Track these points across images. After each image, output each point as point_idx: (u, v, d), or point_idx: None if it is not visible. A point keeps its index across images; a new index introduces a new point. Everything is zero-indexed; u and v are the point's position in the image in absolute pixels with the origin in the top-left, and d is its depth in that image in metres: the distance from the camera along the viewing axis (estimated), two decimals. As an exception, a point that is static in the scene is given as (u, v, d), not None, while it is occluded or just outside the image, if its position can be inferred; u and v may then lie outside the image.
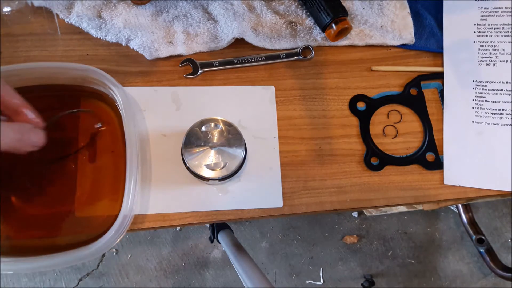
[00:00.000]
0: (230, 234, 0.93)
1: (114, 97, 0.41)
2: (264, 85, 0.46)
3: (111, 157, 0.41)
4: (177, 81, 0.45)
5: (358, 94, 0.47)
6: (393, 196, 0.44)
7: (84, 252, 0.35)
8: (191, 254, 1.21)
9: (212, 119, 0.39)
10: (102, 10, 0.46)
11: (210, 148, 0.38)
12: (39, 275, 1.14)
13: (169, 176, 0.41)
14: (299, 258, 1.24)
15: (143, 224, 0.40)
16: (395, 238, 1.28)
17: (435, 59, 0.50)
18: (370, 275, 1.24)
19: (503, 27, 0.50)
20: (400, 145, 0.46)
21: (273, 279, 1.22)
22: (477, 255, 1.27)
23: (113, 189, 0.39)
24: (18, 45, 0.44)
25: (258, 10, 0.48)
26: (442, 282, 1.26)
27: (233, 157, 0.38)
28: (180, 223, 0.41)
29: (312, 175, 0.44)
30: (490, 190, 0.45)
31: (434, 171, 0.45)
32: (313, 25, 0.49)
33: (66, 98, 0.42)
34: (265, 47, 0.47)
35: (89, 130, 0.41)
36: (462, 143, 0.46)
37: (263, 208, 0.42)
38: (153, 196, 0.41)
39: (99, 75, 0.39)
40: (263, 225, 1.25)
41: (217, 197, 0.41)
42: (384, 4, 0.51)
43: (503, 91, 0.48)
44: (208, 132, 0.38)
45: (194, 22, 0.47)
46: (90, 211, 0.39)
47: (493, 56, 0.49)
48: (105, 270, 1.18)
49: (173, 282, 1.18)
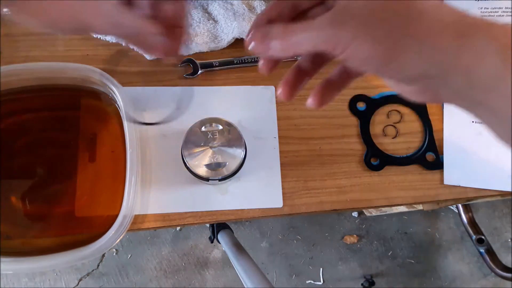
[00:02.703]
0: (230, 234, 0.93)
1: (114, 97, 0.41)
2: (264, 85, 0.46)
3: (111, 157, 0.41)
4: (177, 81, 0.45)
5: (358, 94, 0.47)
6: (393, 196, 0.44)
7: (84, 252, 0.35)
8: (191, 254, 1.21)
9: (212, 119, 0.39)
10: (102, 10, 0.46)
11: (210, 148, 0.38)
12: (39, 275, 1.14)
13: (169, 176, 0.41)
14: (299, 258, 1.24)
15: (143, 224, 0.40)
16: (395, 238, 1.28)
17: (435, 59, 0.50)
18: (370, 275, 1.24)
19: (503, 27, 0.50)
20: (400, 145, 0.46)
21: (273, 279, 1.22)
22: (477, 255, 1.27)
23: (113, 189, 0.39)
24: (18, 45, 0.44)
25: (258, 10, 0.48)
26: (442, 282, 1.26)
27: (233, 157, 0.38)
28: (180, 223, 0.41)
29: (312, 175, 0.44)
30: (490, 190, 0.45)
31: (434, 171, 0.45)
32: (313, 25, 0.48)
33: (66, 98, 0.42)
34: (265, 47, 0.47)
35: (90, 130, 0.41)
36: (462, 143, 0.46)
37: (263, 208, 0.42)
38: (153, 196, 0.41)
39: (99, 75, 0.39)
40: (263, 225, 1.25)
41: (217, 197, 0.41)
42: (384, 4, 0.50)
43: (503, 91, 0.48)
44: (208, 132, 0.38)
45: (194, 22, 0.47)
46: (90, 211, 0.39)
47: (493, 56, 0.49)
48: (105, 270, 1.18)
49: (173, 282, 1.18)
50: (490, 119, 0.20)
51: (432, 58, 0.19)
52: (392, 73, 0.20)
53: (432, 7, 0.19)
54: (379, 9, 0.19)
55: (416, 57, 0.19)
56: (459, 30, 0.19)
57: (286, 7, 0.23)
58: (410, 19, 0.19)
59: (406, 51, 0.19)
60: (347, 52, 0.19)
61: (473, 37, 0.19)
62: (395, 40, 0.19)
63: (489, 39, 0.18)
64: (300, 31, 0.20)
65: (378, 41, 0.19)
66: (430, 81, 0.20)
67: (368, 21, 0.19)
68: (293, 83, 0.25)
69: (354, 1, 0.20)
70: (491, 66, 0.18)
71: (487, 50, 0.18)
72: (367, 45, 0.19)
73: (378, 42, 0.19)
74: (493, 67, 0.18)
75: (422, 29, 0.19)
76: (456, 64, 0.19)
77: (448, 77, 0.19)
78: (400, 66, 0.19)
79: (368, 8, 0.19)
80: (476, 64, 0.18)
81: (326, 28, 0.19)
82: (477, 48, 0.18)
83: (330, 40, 0.19)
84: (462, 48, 0.19)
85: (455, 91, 0.20)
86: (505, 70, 0.18)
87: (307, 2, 0.22)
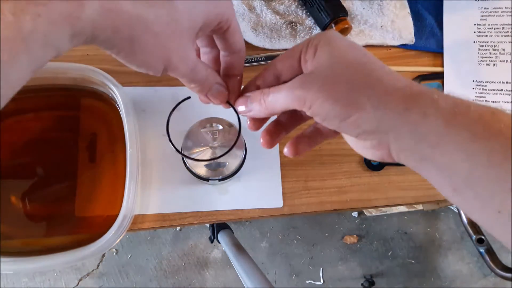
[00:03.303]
0: (230, 234, 0.93)
1: (114, 97, 0.41)
2: (264, 85, 0.46)
3: (111, 157, 0.41)
4: (177, 81, 0.45)
5: (358, 94, 0.47)
6: (393, 196, 0.44)
7: (84, 252, 0.35)
8: (191, 254, 1.21)
9: (213, 119, 0.39)
10: (102, 10, 0.45)
11: (210, 148, 0.38)
12: (39, 275, 1.14)
13: (169, 176, 0.41)
14: (299, 258, 1.24)
15: (143, 224, 0.40)
16: (395, 238, 1.28)
17: (435, 59, 0.50)
18: (370, 275, 1.24)
19: (503, 27, 0.50)
20: (400, 145, 0.46)
21: (273, 279, 1.22)
22: (477, 255, 1.27)
23: (113, 189, 0.39)
24: (18, 45, 0.44)
25: (258, 10, 0.48)
26: (442, 282, 1.26)
27: (233, 157, 0.38)
28: (180, 223, 0.41)
29: (312, 175, 0.44)
30: (490, 190, 0.44)
31: (434, 171, 0.45)
32: (313, 25, 0.49)
33: (66, 98, 0.42)
34: (265, 47, 0.47)
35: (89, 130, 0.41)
36: (462, 143, 0.46)
37: (263, 208, 0.42)
38: (153, 196, 0.41)
39: (99, 75, 0.39)
40: (263, 225, 1.25)
41: (217, 197, 0.41)
42: (384, 4, 0.51)
43: (503, 91, 0.48)
44: (208, 132, 0.38)
45: (194, 22, 0.47)
46: (90, 211, 0.39)
47: (493, 56, 0.49)
48: (105, 270, 1.18)
49: (173, 282, 1.18)
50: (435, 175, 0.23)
51: (384, 116, 0.22)
52: (350, 128, 0.23)
53: (387, 75, 0.23)
54: (340, 73, 0.23)
55: (370, 115, 0.22)
56: (407, 95, 0.22)
57: (269, 76, 0.27)
58: (367, 84, 0.22)
59: (361, 110, 0.22)
60: (312, 109, 0.23)
61: (419, 101, 0.22)
62: (352, 100, 0.22)
63: (432, 102, 0.21)
64: (274, 93, 0.25)
65: (337, 100, 0.22)
66: (382, 136, 0.23)
67: (330, 84, 0.23)
68: (273, 132, 0.29)
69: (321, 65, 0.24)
70: (434, 125, 0.21)
71: (430, 111, 0.21)
72: (327, 104, 0.22)
73: (337, 101, 0.22)
74: (436, 125, 0.21)
75: (376, 92, 0.22)
76: (404, 121, 0.22)
77: (398, 132, 0.22)
78: (356, 122, 0.23)
79: (331, 72, 0.23)
80: (421, 122, 0.21)
81: (296, 89, 0.23)
82: (422, 109, 0.21)
83: (299, 99, 0.23)
84: (409, 109, 0.22)
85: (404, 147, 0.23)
86: (447, 129, 0.21)
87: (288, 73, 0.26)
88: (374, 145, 0.24)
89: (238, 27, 0.27)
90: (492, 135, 0.20)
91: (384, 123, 0.22)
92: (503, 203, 0.19)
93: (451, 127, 0.21)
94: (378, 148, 0.24)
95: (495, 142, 0.20)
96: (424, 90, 0.22)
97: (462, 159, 0.20)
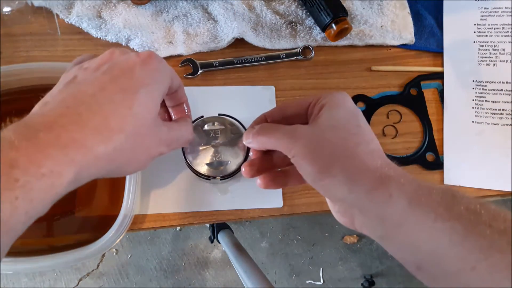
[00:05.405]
0: (230, 234, 0.93)
1: (114, 97, 0.40)
2: (264, 85, 0.46)
3: (111, 157, 0.40)
4: (177, 81, 0.45)
5: (358, 94, 0.47)
6: (393, 196, 0.44)
7: (84, 252, 0.35)
8: (191, 254, 1.21)
9: (215, 118, 0.39)
10: (102, 10, 0.46)
11: (212, 146, 0.38)
12: (39, 275, 1.14)
13: (169, 176, 0.41)
14: (299, 258, 1.24)
15: (143, 224, 0.40)
16: (395, 238, 1.28)
17: (435, 59, 0.50)
18: (370, 275, 1.24)
19: (503, 27, 0.50)
20: (400, 145, 0.46)
21: (273, 279, 1.22)
22: (477, 255, 1.27)
23: (113, 189, 0.39)
24: (18, 45, 0.44)
25: (258, 10, 0.48)
26: (442, 282, 1.26)
27: (235, 156, 0.38)
28: (180, 223, 0.41)
29: (312, 175, 0.44)
30: (490, 190, 0.45)
31: (434, 171, 0.45)
32: (313, 25, 0.49)
33: (66, 98, 0.42)
34: (265, 47, 0.47)
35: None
36: (462, 143, 0.46)
37: (263, 208, 0.42)
38: (153, 196, 0.41)
39: (99, 75, 0.39)
40: (263, 225, 1.25)
41: (217, 197, 0.41)
42: (384, 4, 0.51)
43: (503, 91, 0.48)
44: (210, 131, 0.38)
45: (194, 22, 0.47)
46: (90, 211, 0.39)
47: (493, 56, 0.49)
48: (105, 270, 1.18)
49: (173, 282, 1.19)
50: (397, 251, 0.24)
51: (352, 190, 0.24)
52: (322, 190, 0.25)
53: (366, 154, 0.25)
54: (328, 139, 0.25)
55: (340, 185, 0.24)
56: (377, 176, 0.24)
57: (276, 113, 0.31)
58: (345, 157, 0.25)
59: (333, 177, 0.24)
60: (294, 159, 0.26)
61: (386, 183, 0.23)
62: (327, 167, 0.24)
63: (397, 185, 0.23)
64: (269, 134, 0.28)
65: (315, 162, 0.25)
66: (348, 208, 0.25)
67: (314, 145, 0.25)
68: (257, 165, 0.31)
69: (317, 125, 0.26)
70: (398, 205, 0.22)
71: (395, 193, 0.23)
72: (305, 161, 0.25)
73: (315, 163, 0.25)
74: (400, 205, 0.22)
75: (350, 167, 0.24)
76: (370, 200, 0.23)
77: (363, 209, 0.24)
78: (326, 186, 0.25)
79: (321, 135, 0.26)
80: (386, 202, 0.23)
81: (284, 137, 0.27)
82: (388, 191, 0.23)
83: (286, 147, 0.26)
84: (376, 189, 0.23)
85: (368, 224, 0.24)
86: (410, 210, 0.22)
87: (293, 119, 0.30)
88: (341, 211, 0.26)
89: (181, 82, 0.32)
90: (452, 217, 0.21)
91: (351, 197, 0.24)
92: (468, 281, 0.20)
93: (415, 207, 0.22)
94: (344, 215, 0.26)
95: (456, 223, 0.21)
96: (393, 175, 0.24)
97: (425, 238, 0.22)
